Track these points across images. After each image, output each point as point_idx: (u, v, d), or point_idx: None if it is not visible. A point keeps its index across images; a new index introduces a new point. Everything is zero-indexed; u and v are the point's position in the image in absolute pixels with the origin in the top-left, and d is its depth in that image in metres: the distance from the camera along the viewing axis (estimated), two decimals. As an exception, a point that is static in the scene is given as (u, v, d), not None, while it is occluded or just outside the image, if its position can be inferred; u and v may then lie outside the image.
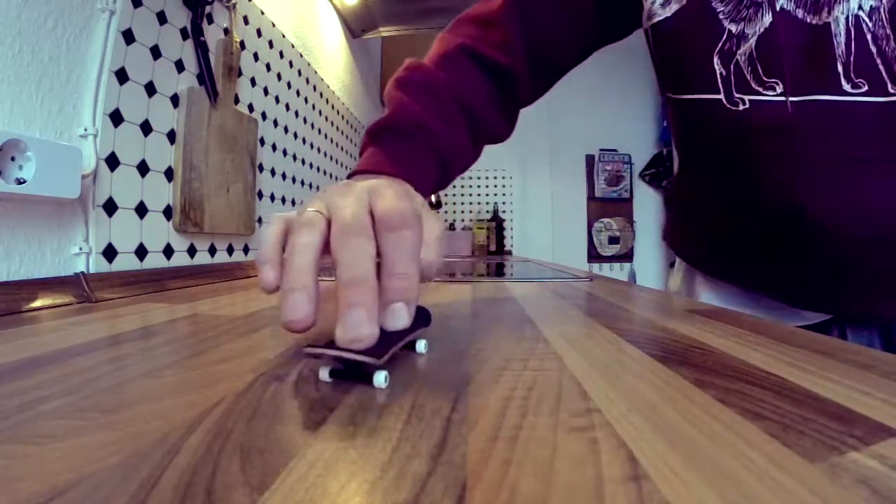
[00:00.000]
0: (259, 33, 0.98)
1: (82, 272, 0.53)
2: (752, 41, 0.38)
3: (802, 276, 0.43)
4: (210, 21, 0.80)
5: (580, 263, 3.22)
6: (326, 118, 1.42)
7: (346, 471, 0.13)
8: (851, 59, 0.35)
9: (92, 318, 0.41)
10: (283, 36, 1.11)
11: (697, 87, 0.42)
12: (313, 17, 1.35)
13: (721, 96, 0.41)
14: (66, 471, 0.13)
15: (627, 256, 3.27)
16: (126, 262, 0.61)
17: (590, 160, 3.30)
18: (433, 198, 2.06)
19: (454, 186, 2.98)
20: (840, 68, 0.36)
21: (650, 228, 3.32)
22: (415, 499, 0.12)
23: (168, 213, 0.70)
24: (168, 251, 0.70)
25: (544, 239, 3.25)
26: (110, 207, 0.59)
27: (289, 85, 1.14)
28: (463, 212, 2.98)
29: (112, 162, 0.59)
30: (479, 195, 3.00)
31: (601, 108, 3.31)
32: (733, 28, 0.39)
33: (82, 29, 0.55)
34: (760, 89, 0.39)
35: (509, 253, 2.86)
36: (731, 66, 0.40)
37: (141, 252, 0.64)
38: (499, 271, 1.06)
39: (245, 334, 0.33)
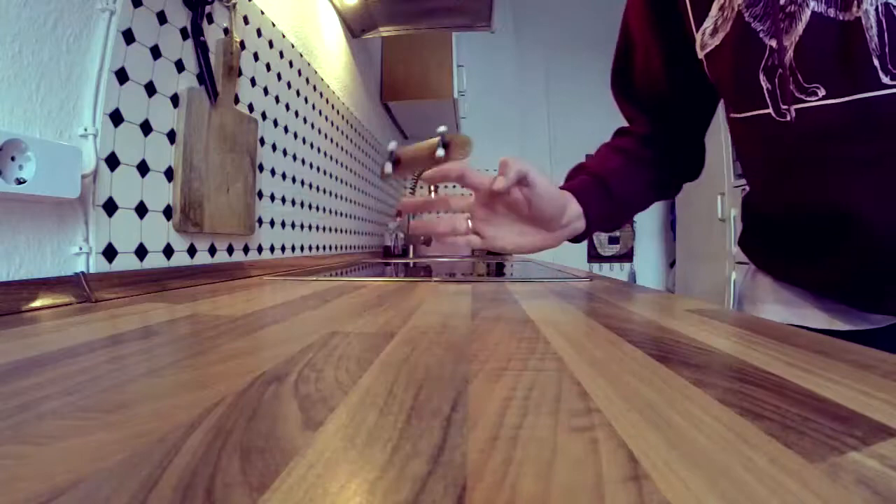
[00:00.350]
0: (259, 33, 0.98)
1: (82, 272, 0.53)
2: (791, 51, 0.39)
3: (864, 278, 0.43)
4: (210, 21, 0.80)
5: (580, 263, 3.22)
6: (326, 118, 1.42)
7: (346, 471, 0.13)
8: (886, 50, 0.35)
9: (92, 318, 0.41)
10: (283, 36, 1.11)
11: (748, 105, 0.44)
12: (313, 17, 1.35)
13: (770, 110, 0.42)
14: (66, 471, 0.13)
15: (627, 256, 3.27)
16: (126, 262, 0.61)
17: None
18: (432, 195, 2.05)
19: (455, 186, 2.98)
20: (876, 62, 0.35)
21: (650, 228, 3.32)
22: (415, 499, 0.12)
23: (168, 213, 0.70)
24: (168, 251, 0.70)
25: (544, 239, 3.24)
26: (110, 207, 0.59)
27: (289, 85, 1.14)
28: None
29: (112, 162, 0.59)
30: (479, 195, 2.99)
31: (601, 107, 3.30)
32: (773, 43, 0.40)
33: (82, 29, 0.55)
34: (803, 96, 0.39)
35: (509, 253, 2.86)
36: (776, 80, 0.41)
37: (141, 252, 0.64)
38: (499, 271, 1.06)
39: (245, 334, 0.33)
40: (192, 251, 0.76)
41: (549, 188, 0.48)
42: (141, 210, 0.64)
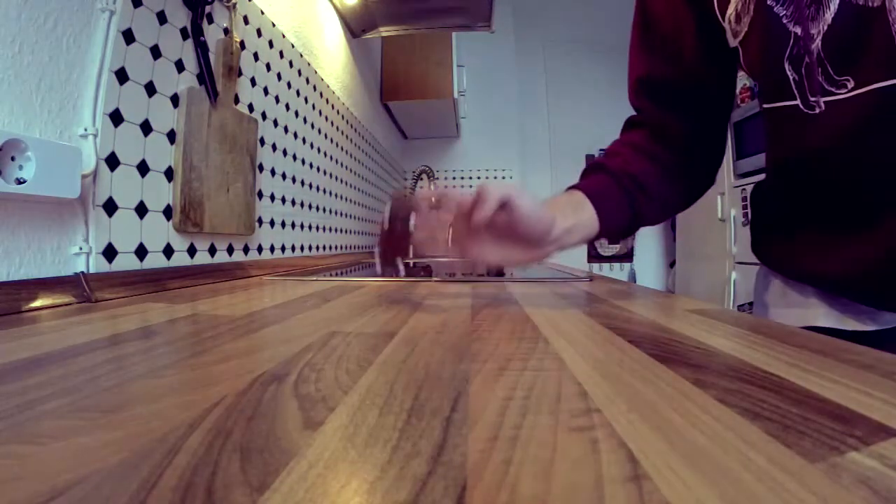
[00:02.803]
0: (259, 33, 0.98)
1: (82, 272, 0.53)
2: (818, 41, 0.37)
3: (884, 273, 0.41)
4: (210, 21, 0.80)
5: (580, 263, 3.22)
6: (326, 118, 1.42)
7: (346, 471, 0.13)
8: None
9: (92, 318, 0.41)
10: (283, 36, 1.11)
11: (777, 95, 0.42)
12: (313, 17, 1.35)
13: (797, 102, 0.40)
14: (66, 471, 0.13)
15: (627, 256, 3.27)
16: (126, 261, 0.61)
17: (590, 160, 3.30)
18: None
19: (454, 186, 2.98)
20: None
21: (650, 228, 3.32)
22: (415, 499, 0.12)
23: (168, 213, 0.70)
24: (168, 251, 0.70)
25: (544, 239, 3.24)
26: (110, 207, 0.59)
27: (289, 85, 1.14)
28: (463, 212, 2.98)
29: (112, 162, 0.59)
30: (479, 195, 2.99)
31: (601, 108, 3.31)
32: (798, 30, 0.38)
33: (82, 29, 0.55)
34: (833, 89, 0.38)
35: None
36: (802, 70, 0.39)
37: (141, 252, 0.64)
38: (499, 271, 1.06)
39: (245, 334, 0.33)
40: (192, 251, 0.76)
41: (533, 210, 0.45)
42: (141, 210, 0.64)
